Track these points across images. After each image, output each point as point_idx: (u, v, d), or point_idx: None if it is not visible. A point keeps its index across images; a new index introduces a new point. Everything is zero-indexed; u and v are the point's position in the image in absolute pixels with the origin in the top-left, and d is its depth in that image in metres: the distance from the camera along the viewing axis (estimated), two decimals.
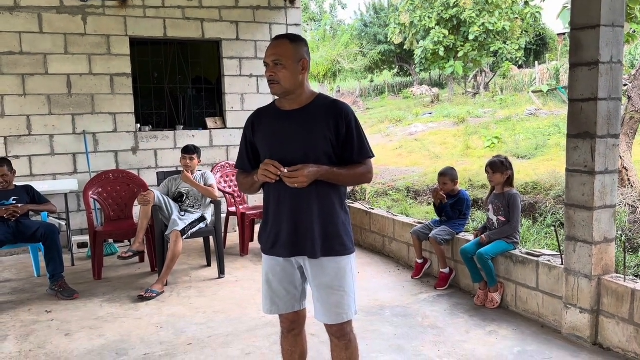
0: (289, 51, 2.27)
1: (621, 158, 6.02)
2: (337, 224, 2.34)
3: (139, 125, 6.61)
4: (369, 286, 4.69)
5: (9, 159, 5.06)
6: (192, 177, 5.06)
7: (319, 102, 2.36)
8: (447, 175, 4.75)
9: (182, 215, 4.96)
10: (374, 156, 2.40)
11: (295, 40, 2.33)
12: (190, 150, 5.15)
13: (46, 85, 6.06)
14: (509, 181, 4.19)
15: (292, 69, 2.27)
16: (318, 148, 2.27)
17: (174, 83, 7.20)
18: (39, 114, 6.07)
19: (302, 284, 2.48)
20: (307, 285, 2.48)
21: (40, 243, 4.69)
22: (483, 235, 4.17)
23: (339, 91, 29.12)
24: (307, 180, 2.20)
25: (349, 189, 8.44)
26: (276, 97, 2.41)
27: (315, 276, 2.37)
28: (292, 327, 2.57)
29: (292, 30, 7.29)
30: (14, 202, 4.73)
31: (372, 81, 34.42)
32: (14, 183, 4.90)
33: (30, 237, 4.66)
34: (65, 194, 5.69)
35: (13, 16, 5.85)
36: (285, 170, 2.20)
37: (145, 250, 5.38)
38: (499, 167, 4.16)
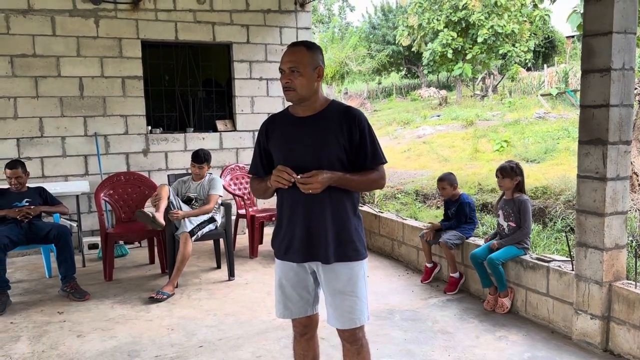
0: (305, 58, 2.29)
1: (632, 163, 6.00)
2: (350, 229, 2.35)
3: (149, 128, 6.66)
4: (378, 290, 4.70)
5: (22, 160, 5.11)
6: (180, 215, 4.83)
7: (332, 108, 2.37)
8: (446, 180, 4.78)
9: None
10: (386, 162, 2.41)
11: (312, 48, 2.34)
12: (199, 159, 5.08)
13: (58, 87, 6.12)
14: (519, 187, 4.19)
15: (308, 76, 2.28)
16: (331, 154, 2.28)
17: (185, 86, 7.24)
18: (51, 115, 6.13)
19: (315, 289, 2.49)
20: (320, 290, 2.50)
21: (53, 244, 4.73)
22: (495, 242, 4.17)
23: (346, 93, 29.12)
24: (321, 187, 2.21)
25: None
26: (289, 104, 2.42)
27: (328, 281, 2.38)
28: (305, 331, 2.58)
29: (302, 34, 7.32)
30: (27, 203, 4.78)
31: (379, 83, 34.39)
32: (27, 185, 4.95)
33: (42, 238, 4.70)
34: (77, 196, 5.73)
35: (27, 19, 5.91)
36: (299, 177, 2.21)
37: (156, 252, 5.41)
38: (509, 173, 4.16)
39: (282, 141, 2.39)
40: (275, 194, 2.46)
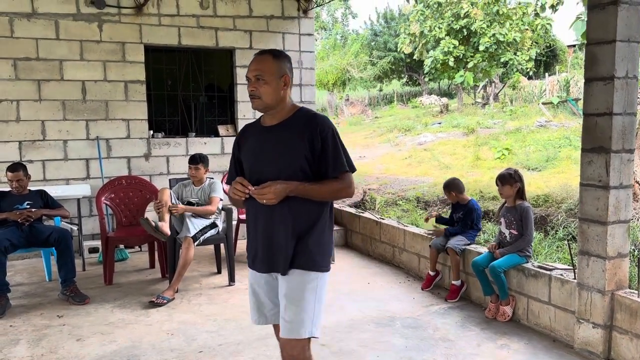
0: (271, 67, 2.30)
1: (634, 172, 5.99)
2: (310, 240, 2.31)
3: (151, 132, 6.66)
4: (379, 296, 4.69)
5: (23, 163, 5.11)
6: (180, 209, 4.83)
7: (298, 116, 2.35)
8: (451, 185, 4.77)
9: (194, 217, 4.94)
10: (353, 170, 2.35)
11: (278, 56, 2.34)
12: (195, 160, 5.06)
13: (61, 91, 6.13)
14: (520, 194, 4.19)
15: (273, 84, 2.29)
16: (293, 164, 2.26)
17: (187, 90, 7.25)
18: (54, 119, 6.13)
19: None
20: None
21: (53, 248, 4.72)
22: (497, 251, 4.16)
23: (347, 99, 29.19)
24: (275, 197, 2.19)
25: (356, 198, 8.43)
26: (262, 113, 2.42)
27: (280, 287, 2.35)
28: None
29: (305, 40, 7.34)
30: (28, 206, 4.78)
31: (381, 90, 34.47)
32: (28, 187, 4.94)
33: (43, 241, 4.70)
34: (78, 199, 5.73)
35: (30, 22, 5.93)
36: (253, 188, 2.21)
37: (156, 256, 5.40)
38: (508, 179, 4.16)
39: (249, 151, 2.41)
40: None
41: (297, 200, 2.25)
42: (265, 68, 2.29)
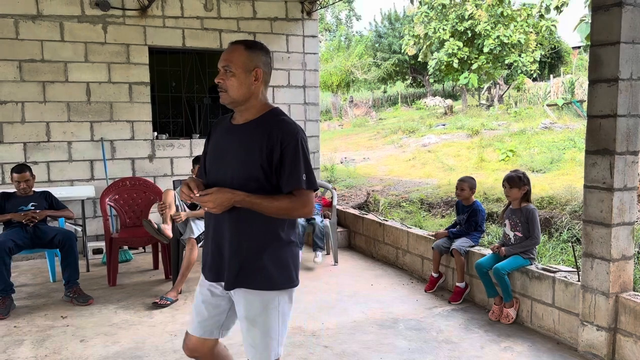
0: (241, 58, 2.09)
1: (638, 174, 5.97)
2: (264, 255, 2.09)
3: (155, 133, 6.68)
4: (382, 298, 4.68)
5: (28, 164, 5.13)
6: (183, 216, 4.78)
7: (265, 118, 2.12)
8: (467, 182, 4.76)
9: (198, 219, 4.95)
10: (313, 188, 2.09)
11: (252, 47, 2.12)
12: (199, 161, 5.09)
13: (66, 92, 6.16)
14: (526, 196, 4.17)
15: (242, 77, 2.08)
16: (247, 172, 2.05)
17: (191, 92, 7.28)
18: (58, 120, 6.15)
19: (227, 312, 2.26)
20: (235, 319, 2.30)
21: (57, 249, 4.73)
22: (503, 249, 4.15)
23: (351, 101, 29.19)
24: (215, 207, 2.00)
25: (359, 200, 8.43)
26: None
27: (237, 305, 2.18)
28: (193, 355, 2.34)
29: (309, 41, 7.35)
30: (33, 207, 4.79)
31: (385, 92, 34.46)
32: (33, 189, 4.96)
33: (47, 242, 4.71)
34: (82, 200, 5.75)
35: (35, 25, 5.96)
36: (197, 194, 2.03)
37: (160, 258, 5.40)
38: (517, 183, 4.14)
39: (211, 150, 2.24)
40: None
41: (248, 212, 2.04)
42: (234, 59, 2.08)
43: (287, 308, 2.17)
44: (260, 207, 2.04)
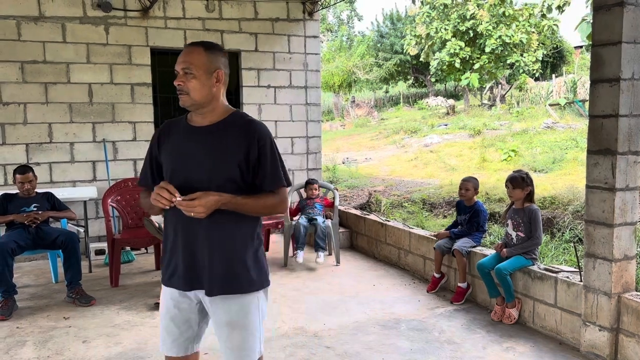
0: (201, 59, 2.07)
1: None
2: (244, 257, 2.11)
3: None
4: (384, 299, 4.68)
5: (30, 165, 5.14)
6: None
7: (232, 120, 2.12)
8: (471, 182, 4.76)
9: None
10: (289, 185, 2.18)
11: (211, 49, 2.12)
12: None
13: (68, 93, 6.17)
14: (529, 196, 4.17)
15: (203, 79, 2.06)
16: (224, 172, 2.05)
17: None
18: (60, 121, 6.17)
19: (199, 323, 2.23)
20: (205, 325, 2.27)
21: (60, 250, 4.74)
22: (504, 250, 4.14)
23: (353, 101, 29.20)
24: (204, 211, 1.97)
25: (361, 200, 8.43)
26: (189, 110, 2.19)
27: (214, 312, 2.14)
28: None
29: (310, 42, 7.35)
30: (35, 208, 4.80)
31: (387, 92, 34.46)
32: (35, 190, 4.97)
33: (50, 243, 4.72)
34: (84, 201, 5.76)
35: (37, 26, 5.97)
36: (180, 199, 1.97)
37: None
38: (520, 183, 4.13)
39: (173, 153, 2.14)
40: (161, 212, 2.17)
41: (225, 212, 2.03)
42: (194, 60, 2.06)
43: (265, 306, 2.21)
44: (245, 207, 2.06)
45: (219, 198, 1.99)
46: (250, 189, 2.10)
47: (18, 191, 4.86)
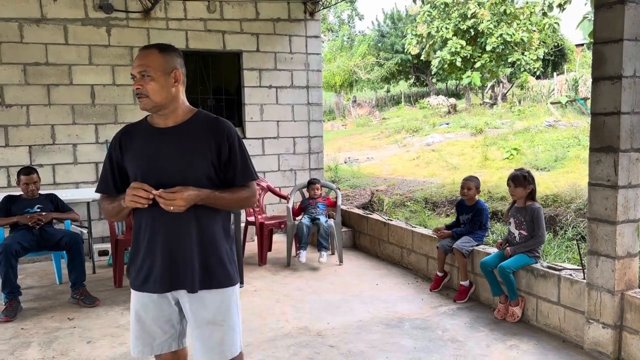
0: (157, 61, 2.10)
1: None
2: (221, 251, 2.17)
3: None
4: (387, 298, 4.69)
5: (34, 167, 5.15)
6: None
7: (198, 119, 2.17)
8: (473, 181, 4.76)
9: None
10: (257, 178, 2.28)
11: (166, 50, 2.15)
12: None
13: (70, 95, 6.19)
14: (531, 195, 4.17)
15: (161, 81, 2.08)
16: (198, 170, 2.09)
17: (195, 94, 7.28)
18: (63, 123, 6.19)
19: (181, 321, 2.25)
20: (187, 323, 2.28)
21: (64, 251, 4.76)
22: (508, 249, 4.15)
23: (355, 101, 29.20)
24: (185, 204, 2.00)
25: (364, 200, 8.43)
26: (147, 113, 2.21)
27: (194, 311, 2.16)
28: None
29: (312, 42, 7.36)
30: (39, 210, 4.82)
31: (388, 91, 34.45)
32: (39, 191, 4.98)
33: (54, 245, 4.74)
34: (88, 203, 5.77)
35: (40, 28, 5.99)
36: (158, 192, 1.99)
37: None
38: (521, 182, 4.13)
39: (141, 156, 2.13)
40: (130, 215, 2.19)
41: (203, 208, 2.09)
42: (150, 63, 2.08)
43: (239, 301, 2.27)
44: (223, 201, 2.13)
45: (198, 193, 2.04)
46: (222, 184, 2.17)
47: (21, 193, 4.88)
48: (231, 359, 2.19)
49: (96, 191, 2.32)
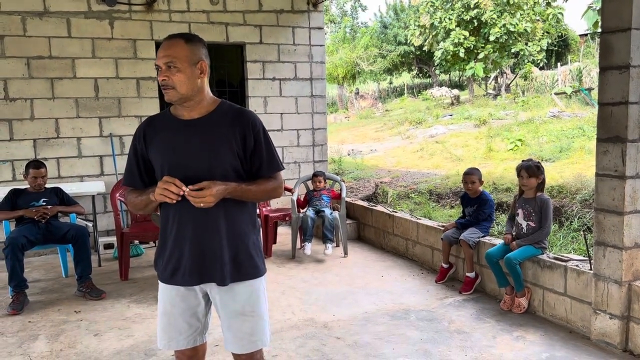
0: (183, 52, 2.03)
1: None
2: (249, 244, 2.16)
3: None
4: (393, 289, 4.69)
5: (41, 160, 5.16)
6: None
7: (223, 110, 2.14)
8: (475, 174, 4.73)
9: None
10: (283, 169, 2.25)
11: (192, 40, 2.09)
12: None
13: (74, 88, 6.18)
14: (541, 186, 4.15)
15: (188, 72, 2.04)
16: (225, 162, 2.07)
17: None
18: (67, 117, 6.19)
19: (205, 316, 2.26)
20: (210, 317, 2.31)
21: (70, 244, 4.77)
22: (514, 243, 4.13)
23: (357, 93, 29.13)
24: (214, 200, 1.98)
25: (368, 192, 8.42)
26: (171, 104, 2.17)
27: (225, 304, 2.16)
28: None
29: (315, 33, 7.33)
30: (44, 203, 4.82)
31: (391, 83, 34.37)
32: (45, 185, 4.99)
33: (60, 238, 4.74)
34: (93, 196, 5.78)
35: (42, 21, 5.97)
36: (188, 190, 1.97)
37: None
38: (535, 172, 4.10)
39: (166, 148, 2.11)
40: (158, 208, 2.17)
41: (230, 201, 2.07)
42: (177, 54, 2.02)
43: (266, 291, 2.28)
44: (250, 193, 2.11)
45: (226, 187, 2.02)
46: (249, 176, 2.15)
47: (27, 186, 4.88)
48: (260, 348, 2.21)
49: (123, 184, 2.32)
